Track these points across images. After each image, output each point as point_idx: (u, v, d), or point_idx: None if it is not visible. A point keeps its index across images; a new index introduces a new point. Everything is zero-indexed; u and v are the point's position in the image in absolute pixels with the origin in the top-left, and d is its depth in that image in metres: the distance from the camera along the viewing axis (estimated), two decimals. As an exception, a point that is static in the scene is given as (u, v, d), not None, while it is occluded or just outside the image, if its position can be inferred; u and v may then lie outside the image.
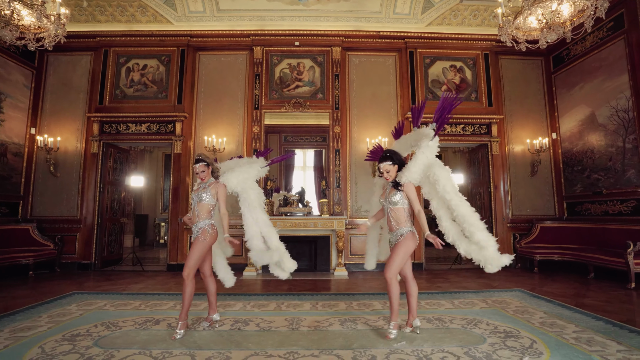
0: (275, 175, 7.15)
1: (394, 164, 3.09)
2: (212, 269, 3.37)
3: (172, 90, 6.80)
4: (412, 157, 3.05)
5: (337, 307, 3.90)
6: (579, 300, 4.10)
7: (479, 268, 2.97)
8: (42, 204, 6.62)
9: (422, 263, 6.47)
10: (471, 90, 6.91)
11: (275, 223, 6.08)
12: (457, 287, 4.93)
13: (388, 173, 3.09)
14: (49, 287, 4.98)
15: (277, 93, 6.83)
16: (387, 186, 3.18)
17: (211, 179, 3.28)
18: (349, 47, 6.95)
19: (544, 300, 4.09)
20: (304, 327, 3.22)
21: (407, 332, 3.05)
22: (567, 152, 6.59)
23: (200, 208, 3.15)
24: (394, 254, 3.00)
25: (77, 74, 6.91)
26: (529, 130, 6.88)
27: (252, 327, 3.24)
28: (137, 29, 6.86)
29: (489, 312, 3.62)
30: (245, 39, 6.85)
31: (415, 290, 3.10)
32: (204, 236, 3.12)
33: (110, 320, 3.40)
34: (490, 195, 6.72)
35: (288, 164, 7.41)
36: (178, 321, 3.03)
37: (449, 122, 6.65)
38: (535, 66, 7.08)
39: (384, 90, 6.88)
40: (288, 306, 3.97)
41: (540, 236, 6.36)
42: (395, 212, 3.05)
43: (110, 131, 6.72)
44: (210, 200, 3.18)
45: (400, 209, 3.08)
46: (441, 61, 6.97)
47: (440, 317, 3.46)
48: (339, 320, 3.41)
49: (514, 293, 4.49)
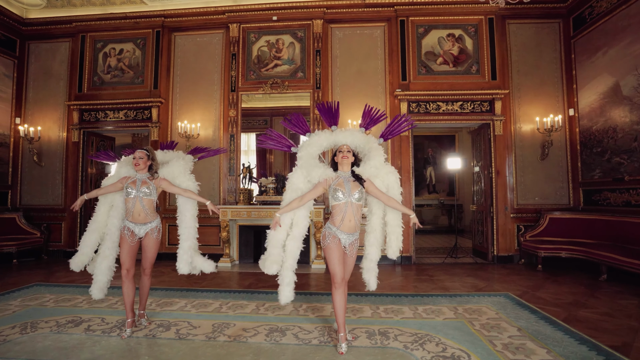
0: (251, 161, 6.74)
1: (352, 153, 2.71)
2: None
3: (148, 75, 6.53)
4: (368, 156, 2.81)
5: (281, 311, 3.51)
6: (573, 312, 3.42)
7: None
8: (30, 193, 6.72)
9: (411, 256, 5.89)
10: (472, 62, 6.04)
11: (249, 213, 5.76)
12: (436, 288, 4.36)
13: (347, 159, 2.64)
14: (18, 277, 5.01)
15: (254, 73, 6.35)
16: (339, 178, 2.65)
17: (147, 174, 3.09)
18: (332, 20, 6.28)
19: (528, 310, 3.45)
20: (223, 337, 2.86)
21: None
22: (585, 131, 5.63)
23: (145, 203, 3.02)
24: (353, 259, 2.72)
25: (56, 61, 6.82)
26: (539, 106, 5.94)
27: (171, 334, 2.94)
28: (111, 11, 6.60)
29: (450, 326, 3.07)
30: (221, 16, 6.38)
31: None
32: (159, 234, 3.12)
33: (34, 320, 3.23)
34: (491, 182, 5.93)
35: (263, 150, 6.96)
36: (138, 317, 3.17)
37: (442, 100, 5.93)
38: (550, 30, 6.04)
39: (370, 66, 6.19)
40: (231, 307, 3.63)
41: (549, 229, 5.54)
42: (357, 209, 2.61)
43: (90, 119, 6.62)
44: (153, 195, 3.07)
45: (362, 205, 2.66)
46: (437, 30, 6.13)
47: (386, 331, 2.96)
48: (270, 329, 3.02)
49: (496, 299, 3.86)
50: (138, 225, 3.02)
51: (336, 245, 2.59)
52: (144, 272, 3.16)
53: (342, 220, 2.58)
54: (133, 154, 3.09)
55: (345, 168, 2.66)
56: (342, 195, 2.57)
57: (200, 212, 3.34)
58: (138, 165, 3.03)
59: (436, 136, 11.01)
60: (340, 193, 2.57)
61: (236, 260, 6.06)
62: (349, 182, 2.61)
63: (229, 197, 6.18)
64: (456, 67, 6.05)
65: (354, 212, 2.59)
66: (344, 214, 2.58)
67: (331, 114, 2.89)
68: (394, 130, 2.91)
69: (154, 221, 3.11)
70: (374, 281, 2.85)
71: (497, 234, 5.82)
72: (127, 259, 2.99)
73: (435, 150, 11.04)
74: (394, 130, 2.91)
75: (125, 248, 2.99)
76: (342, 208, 2.58)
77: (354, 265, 2.78)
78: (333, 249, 2.58)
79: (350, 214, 2.58)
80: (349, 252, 2.67)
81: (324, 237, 2.64)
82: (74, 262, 3.15)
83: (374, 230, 2.84)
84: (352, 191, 2.58)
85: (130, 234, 3.01)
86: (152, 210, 3.10)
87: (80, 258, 3.14)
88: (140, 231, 3.04)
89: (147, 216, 3.04)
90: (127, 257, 2.99)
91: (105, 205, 3.25)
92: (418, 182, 11.13)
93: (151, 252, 3.11)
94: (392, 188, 2.82)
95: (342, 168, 2.66)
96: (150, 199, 3.06)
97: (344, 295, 2.60)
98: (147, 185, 3.04)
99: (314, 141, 2.86)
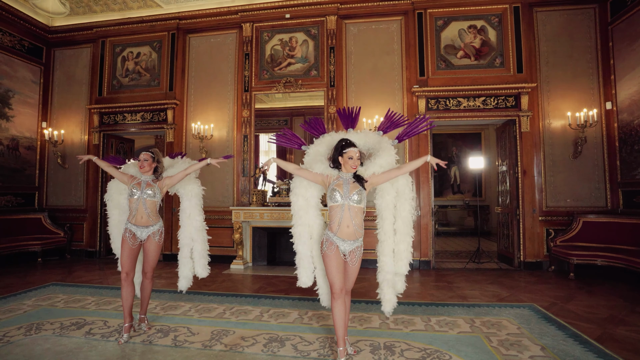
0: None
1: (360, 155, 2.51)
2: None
3: (163, 77, 6.60)
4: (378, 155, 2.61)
5: (285, 318, 3.36)
6: (608, 330, 3.04)
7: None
8: (55, 194, 6.97)
9: (430, 261, 5.58)
10: (495, 54, 5.64)
11: (262, 214, 5.67)
12: (453, 297, 4.06)
13: (354, 161, 2.43)
14: (38, 276, 5.17)
15: (267, 73, 6.26)
16: (340, 178, 2.46)
17: (152, 176, 3.06)
18: (346, 15, 6.07)
19: (555, 325, 3.10)
20: (220, 346, 2.74)
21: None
22: (625, 126, 5.10)
23: (149, 205, 2.97)
24: (355, 271, 2.50)
25: (79, 66, 7.04)
26: (572, 100, 5.45)
27: (168, 340, 2.86)
28: (129, 16, 6.72)
29: (464, 341, 2.80)
30: (234, 16, 6.34)
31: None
32: (160, 237, 3.06)
33: (40, 322, 3.26)
34: (517, 182, 5.51)
35: (282, 150, 6.86)
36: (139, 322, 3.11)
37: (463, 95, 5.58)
38: (584, 17, 5.54)
39: (386, 62, 5.93)
40: (234, 313, 3.53)
41: (582, 233, 5.07)
42: (356, 213, 2.40)
43: (109, 122, 6.78)
44: (157, 197, 3.01)
45: (362, 209, 2.45)
46: (457, 22, 5.78)
47: (392, 345, 2.73)
48: (269, 339, 2.88)
49: (520, 311, 3.52)
50: (140, 227, 2.97)
51: (334, 253, 2.40)
52: (146, 276, 3.11)
53: (339, 226, 2.38)
54: (140, 156, 3.06)
55: (349, 170, 2.46)
56: (339, 197, 2.38)
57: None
58: (143, 167, 2.99)
59: (461, 134, 10.53)
60: (338, 194, 2.38)
61: (249, 263, 5.99)
62: (349, 184, 2.42)
63: (242, 198, 6.12)
64: (478, 60, 5.68)
65: (352, 216, 2.38)
66: (341, 219, 2.38)
67: (351, 118, 2.79)
68: (411, 132, 2.69)
69: (157, 224, 3.05)
70: (390, 300, 2.59)
71: (524, 238, 5.40)
72: (126, 262, 2.94)
73: (460, 149, 10.56)
74: (411, 132, 2.69)
75: (126, 251, 2.95)
76: (338, 211, 2.39)
77: (356, 275, 2.57)
78: (330, 256, 2.39)
79: (348, 218, 2.38)
80: (349, 261, 2.46)
81: (322, 244, 2.46)
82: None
83: (387, 238, 2.61)
84: (351, 192, 2.38)
85: (131, 236, 2.96)
86: (155, 213, 3.04)
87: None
88: (142, 234, 2.99)
89: (149, 219, 2.98)
90: (127, 260, 2.94)
91: (115, 209, 3.27)
92: (442, 183, 10.70)
93: (153, 255, 3.06)
94: (402, 193, 2.60)
95: (346, 169, 2.46)
96: (154, 200, 3.00)
97: (344, 306, 2.41)
98: (151, 187, 2.99)
99: (325, 140, 2.75)
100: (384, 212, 2.61)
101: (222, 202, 6.23)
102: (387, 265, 2.59)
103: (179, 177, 3.08)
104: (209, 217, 6.21)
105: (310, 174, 2.54)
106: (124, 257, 2.94)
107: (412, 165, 2.57)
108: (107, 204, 3.28)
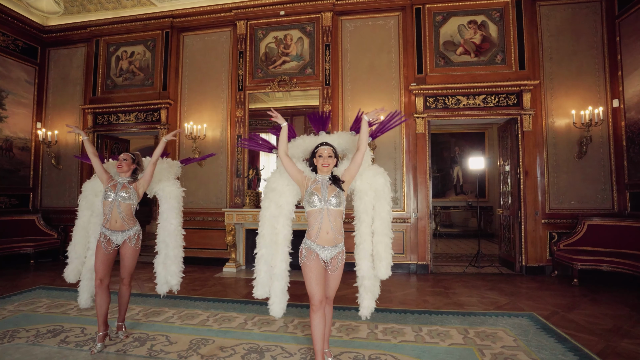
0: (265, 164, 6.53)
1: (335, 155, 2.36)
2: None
3: (157, 77, 6.49)
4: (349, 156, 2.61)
5: (269, 327, 3.21)
6: (612, 343, 2.84)
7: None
8: (49, 195, 6.91)
9: (428, 265, 5.39)
10: (496, 50, 5.43)
11: (255, 216, 5.53)
12: (448, 304, 3.87)
13: (328, 167, 2.31)
14: (27, 279, 5.09)
15: (262, 71, 6.12)
16: (317, 182, 2.31)
17: (129, 178, 2.95)
18: (342, 11, 5.90)
19: (554, 337, 2.91)
20: (196, 357, 2.61)
21: None
22: (633, 125, 4.86)
23: (123, 208, 2.85)
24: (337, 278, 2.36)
25: (73, 66, 6.97)
26: (576, 98, 5.22)
27: (143, 350, 2.73)
28: (123, 14, 6.63)
29: (454, 354, 2.62)
30: (228, 13, 6.20)
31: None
32: (137, 242, 2.95)
33: (16, 329, 3.15)
34: (519, 183, 5.29)
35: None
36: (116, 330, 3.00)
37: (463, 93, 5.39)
38: (590, 11, 5.30)
39: (383, 59, 5.74)
40: (217, 320, 3.39)
41: (587, 237, 4.84)
42: (335, 217, 2.25)
43: (103, 122, 6.69)
44: (133, 200, 2.89)
45: (342, 212, 2.31)
46: (457, 17, 5.57)
47: (377, 358, 2.57)
48: (249, 349, 2.73)
49: (518, 320, 3.33)
50: (115, 232, 2.85)
51: (313, 262, 2.24)
52: (123, 282, 2.99)
53: (319, 232, 2.23)
54: (119, 157, 2.97)
55: (322, 171, 2.32)
56: (317, 201, 2.22)
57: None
58: (121, 167, 2.89)
59: (463, 134, 10.28)
60: (316, 198, 2.23)
61: (242, 266, 5.86)
62: (327, 188, 2.27)
63: (236, 199, 5.99)
64: (478, 57, 5.48)
65: (332, 221, 2.23)
66: (320, 225, 2.23)
67: (321, 120, 2.74)
68: (384, 128, 2.58)
69: (132, 228, 2.93)
70: (368, 307, 2.47)
71: (526, 241, 5.18)
72: (100, 268, 2.82)
73: (463, 149, 10.31)
74: (384, 128, 2.58)
75: (100, 256, 2.83)
76: (317, 216, 2.23)
77: (339, 283, 2.42)
78: (309, 266, 2.24)
79: (327, 224, 2.22)
80: (330, 269, 2.31)
81: (300, 253, 2.31)
82: (68, 275, 3.17)
83: (364, 241, 2.50)
84: (329, 196, 2.23)
85: (106, 241, 2.84)
86: (130, 217, 2.92)
87: (72, 269, 3.15)
88: (118, 239, 2.87)
89: (124, 223, 2.86)
90: (101, 266, 2.82)
91: (86, 210, 3.18)
92: (444, 183, 10.47)
93: (129, 261, 2.94)
94: (381, 193, 2.48)
95: (320, 170, 2.33)
96: (129, 203, 2.88)
97: (323, 319, 2.25)
98: (126, 190, 2.87)
99: (298, 144, 2.64)
100: (362, 215, 2.52)
101: (215, 203, 6.10)
102: (364, 270, 2.47)
103: (149, 170, 2.95)
104: (202, 218, 6.18)
105: (294, 167, 2.36)
106: (98, 263, 2.82)
107: (362, 135, 2.32)
108: (80, 204, 3.17)
